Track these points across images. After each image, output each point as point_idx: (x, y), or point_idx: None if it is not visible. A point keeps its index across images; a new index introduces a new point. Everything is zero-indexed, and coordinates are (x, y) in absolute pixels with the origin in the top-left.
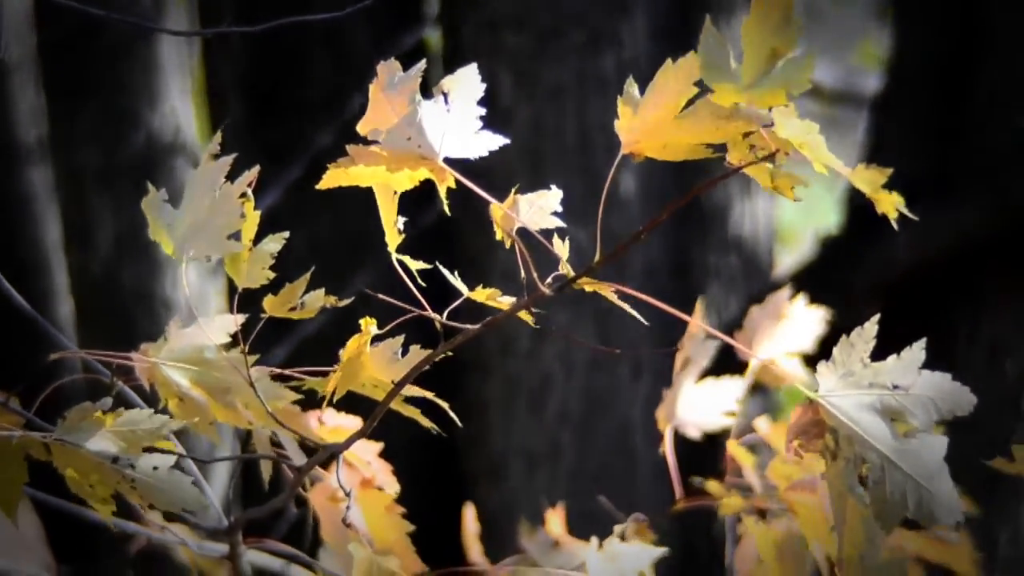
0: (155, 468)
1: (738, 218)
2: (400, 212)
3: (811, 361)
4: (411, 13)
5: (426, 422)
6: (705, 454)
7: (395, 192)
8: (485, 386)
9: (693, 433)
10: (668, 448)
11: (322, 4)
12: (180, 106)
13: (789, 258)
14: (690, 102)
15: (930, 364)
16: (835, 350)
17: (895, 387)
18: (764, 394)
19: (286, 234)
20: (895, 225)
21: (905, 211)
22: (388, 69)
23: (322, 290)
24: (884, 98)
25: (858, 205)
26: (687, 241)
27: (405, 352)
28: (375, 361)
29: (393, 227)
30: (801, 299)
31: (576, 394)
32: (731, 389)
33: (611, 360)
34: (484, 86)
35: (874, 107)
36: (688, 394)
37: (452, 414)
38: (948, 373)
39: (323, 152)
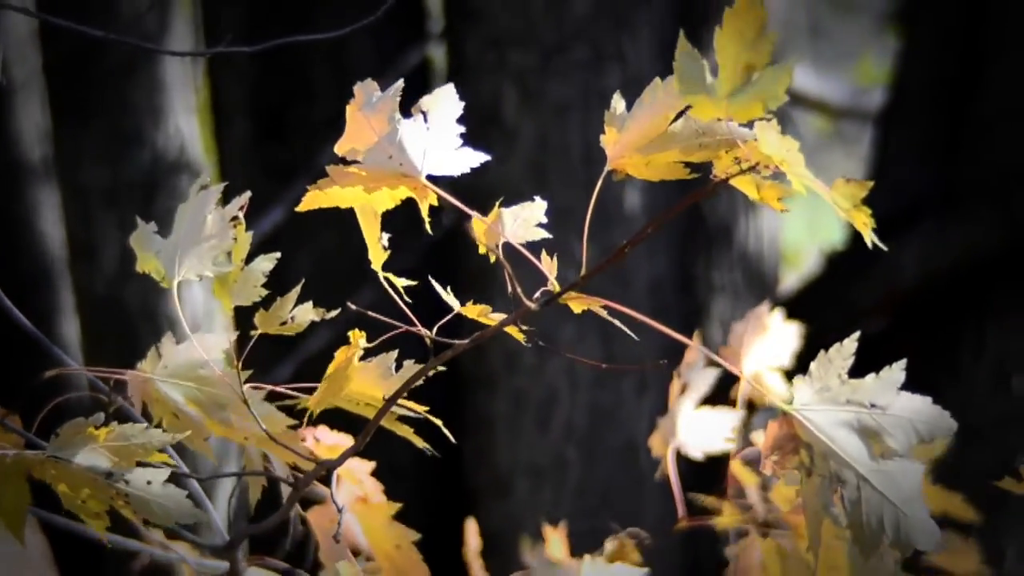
0: (149, 482)
1: (743, 235)
2: (404, 228)
3: (791, 376)
4: (415, 30)
5: (419, 442)
6: (709, 471)
7: (377, 213)
8: (490, 402)
9: (695, 454)
10: (671, 467)
11: (326, 22)
12: (185, 124)
13: (794, 275)
14: (675, 120)
15: (937, 379)
16: (812, 364)
17: (873, 406)
18: (771, 411)
19: (277, 255)
20: (871, 244)
21: (875, 239)
22: (366, 89)
23: (310, 303)
24: (889, 113)
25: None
26: (692, 257)
27: (399, 369)
28: (367, 377)
29: (377, 244)
30: (778, 313)
31: (581, 410)
32: (730, 416)
33: (616, 376)
34: (462, 104)
35: (879, 122)
36: (688, 418)
37: (447, 432)
38: (929, 396)
39: (327, 170)
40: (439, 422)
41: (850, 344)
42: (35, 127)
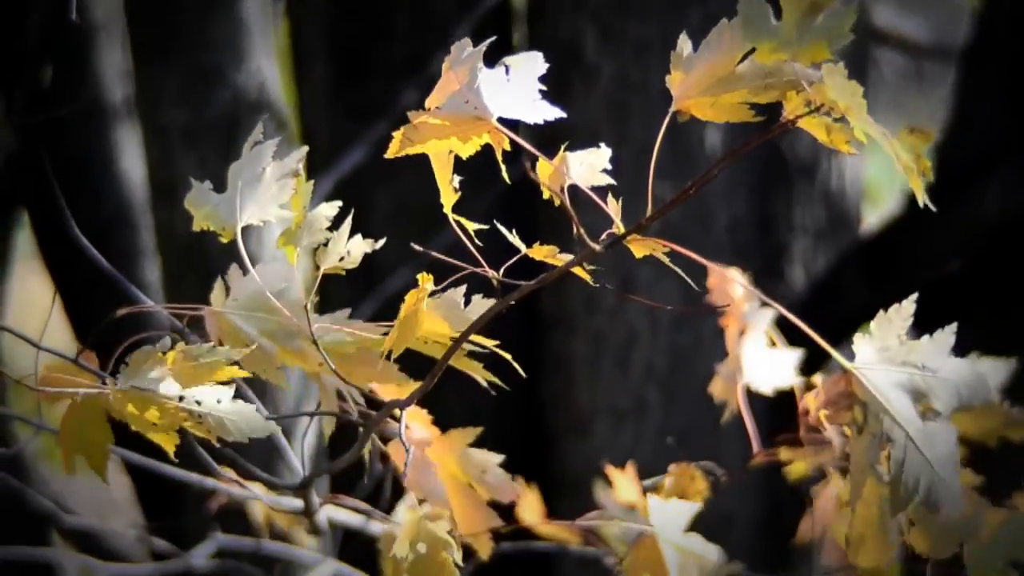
0: (219, 401)
1: (825, 173)
2: (485, 173)
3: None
4: None
5: (488, 376)
6: (781, 410)
7: (450, 152)
8: (570, 343)
9: (765, 390)
10: (743, 404)
11: None
12: (265, 64)
13: (876, 214)
14: (742, 60)
15: (1019, 320)
16: (872, 324)
17: (924, 368)
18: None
19: (338, 203)
20: (922, 204)
21: (927, 199)
22: (460, 47)
23: (358, 236)
24: (972, 52)
25: (947, 161)
26: (772, 196)
27: (467, 304)
28: (435, 315)
29: (448, 187)
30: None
31: (662, 351)
32: (794, 354)
33: (696, 317)
34: (546, 66)
35: (962, 61)
36: (753, 358)
37: (518, 367)
38: (973, 359)
39: (407, 110)
40: (508, 356)
41: (908, 305)
42: (115, 67)
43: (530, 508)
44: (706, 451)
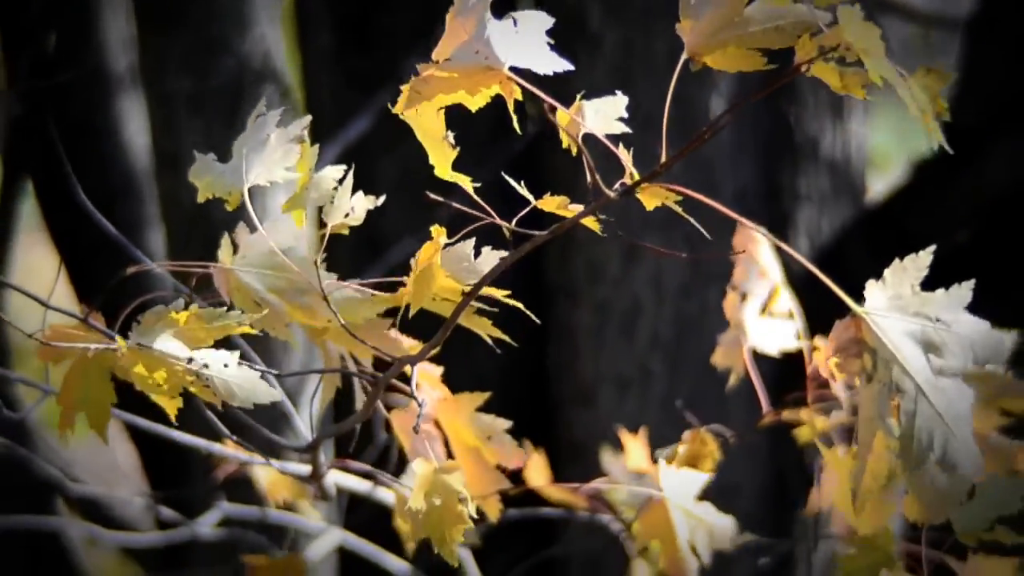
0: (226, 365)
1: (830, 142)
2: (489, 139)
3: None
4: None
5: (496, 332)
6: (787, 376)
7: (439, 109)
8: (575, 312)
9: (771, 351)
10: (750, 366)
11: None
12: (269, 32)
13: (882, 182)
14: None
15: None
16: (887, 271)
17: (938, 320)
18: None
19: (343, 166)
20: (937, 147)
21: (944, 142)
22: None
23: (360, 192)
24: (980, 20)
25: (954, 128)
26: (778, 165)
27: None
28: (445, 268)
29: (442, 144)
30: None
31: (666, 320)
32: (793, 322)
33: (702, 286)
34: (551, 20)
35: (969, 30)
36: (755, 323)
37: (527, 311)
38: (989, 321)
39: (418, 68)
40: (520, 304)
41: (925, 256)
42: (120, 34)
43: (537, 471)
44: (711, 421)
